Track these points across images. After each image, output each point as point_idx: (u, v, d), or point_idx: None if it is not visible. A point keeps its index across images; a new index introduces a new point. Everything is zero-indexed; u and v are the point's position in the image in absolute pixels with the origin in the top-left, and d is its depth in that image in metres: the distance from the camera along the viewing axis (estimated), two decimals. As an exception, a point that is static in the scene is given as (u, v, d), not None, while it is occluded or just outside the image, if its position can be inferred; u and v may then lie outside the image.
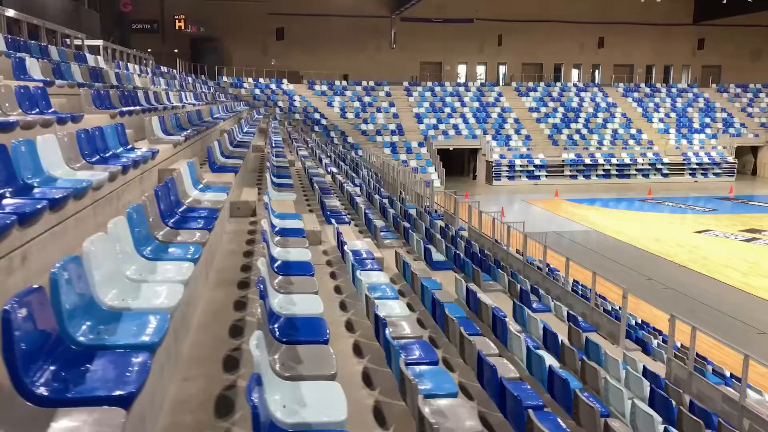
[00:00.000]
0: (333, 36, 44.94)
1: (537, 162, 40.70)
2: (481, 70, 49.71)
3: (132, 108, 9.56)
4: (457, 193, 20.68)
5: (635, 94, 47.82)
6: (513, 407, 4.32)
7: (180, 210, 5.46)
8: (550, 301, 11.20)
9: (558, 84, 48.11)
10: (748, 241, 25.28)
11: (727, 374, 12.55)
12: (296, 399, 3.05)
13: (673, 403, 6.66)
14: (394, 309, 5.62)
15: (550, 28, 47.97)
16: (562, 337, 8.45)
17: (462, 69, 49.48)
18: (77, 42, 17.31)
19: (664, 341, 13.79)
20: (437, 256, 10.13)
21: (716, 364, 13.16)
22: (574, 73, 50.65)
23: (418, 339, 5.03)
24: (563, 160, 41.12)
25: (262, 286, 3.75)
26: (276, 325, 3.84)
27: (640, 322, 15.44)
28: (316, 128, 39.86)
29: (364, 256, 7.23)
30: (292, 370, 3.40)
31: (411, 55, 47.23)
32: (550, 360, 6.39)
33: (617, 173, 41.42)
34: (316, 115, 41.40)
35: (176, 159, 8.66)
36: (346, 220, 9.51)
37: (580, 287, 15.07)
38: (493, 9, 46.54)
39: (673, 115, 46.28)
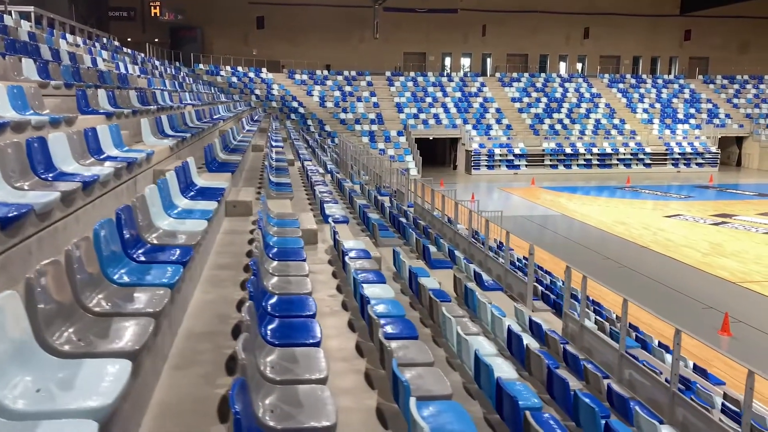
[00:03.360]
0: (315, 26, 44.56)
1: (516, 151, 40.24)
2: (466, 62, 49.23)
3: (13, 54, 9.22)
4: (407, 172, 20.26)
5: (620, 85, 47.32)
6: (277, 323, 3.95)
7: None
8: (461, 262, 10.79)
9: (542, 75, 47.62)
10: (716, 224, 24.78)
11: (655, 342, 12.14)
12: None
13: (525, 344, 6.26)
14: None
15: (535, 18, 47.50)
16: (447, 289, 8.10)
17: (447, 61, 49.03)
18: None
19: (600, 313, 13.41)
20: (334, 212, 9.75)
21: (647, 334, 12.76)
22: (562, 65, 50.11)
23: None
24: (543, 150, 40.65)
25: None
26: None
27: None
28: (293, 116, 39.50)
29: (212, 191, 6.88)
30: None
31: (394, 46, 46.81)
32: (386, 293, 6.02)
33: (598, 163, 40.93)
34: (294, 104, 41.05)
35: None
36: (230, 170, 9.13)
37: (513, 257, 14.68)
38: (477, -1, 46.14)
39: (657, 105, 45.76)
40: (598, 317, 12.10)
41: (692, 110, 45.50)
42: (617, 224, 24.69)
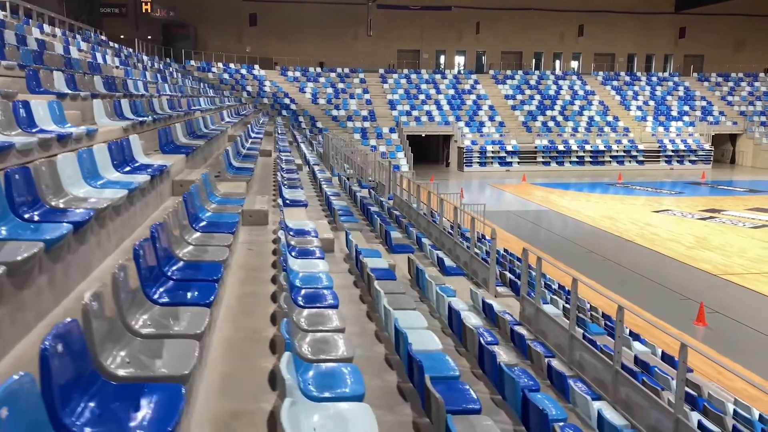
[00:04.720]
0: (309, 23, 44.47)
1: (509, 148, 40.12)
2: (460, 59, 49.09)
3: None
4: (398, 168, 20.18)
5: (614, 83, 47.17)
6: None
7: None
8: (426, 248, 10.69)
9: (536, 72, 47.48)
10: (704, 219, 24.63)
11: (626, 332, 12.00)
12: None
13: (464, 321, 6.15)
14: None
15: (529, 16, 47.35)
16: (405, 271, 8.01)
17: (442, 59, 48.90)
18: None
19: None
20: (296, 195, 9.67)
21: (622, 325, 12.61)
22: (556, 62, 49.93)
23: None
24: (536, 147, 40.51)
25: None
26: None
27: (557, 287, 14.93)
28: (284, 113, 39.41)
29: (153, 168, 6.79)
30: None
31: (388, 43, 46.70)
32: (322, 267, 5.92)
33: (591, 160, 40.79)
34: (286, 101, 40.96)
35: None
36: (185, 152, 9.05)
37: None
38: (470, -4, 46.01)
39: (651, 103, 45.59)
40: (567, 305, 11.98)
41: (686, 108, 45.35)
42: (605, 219, 24.57)
